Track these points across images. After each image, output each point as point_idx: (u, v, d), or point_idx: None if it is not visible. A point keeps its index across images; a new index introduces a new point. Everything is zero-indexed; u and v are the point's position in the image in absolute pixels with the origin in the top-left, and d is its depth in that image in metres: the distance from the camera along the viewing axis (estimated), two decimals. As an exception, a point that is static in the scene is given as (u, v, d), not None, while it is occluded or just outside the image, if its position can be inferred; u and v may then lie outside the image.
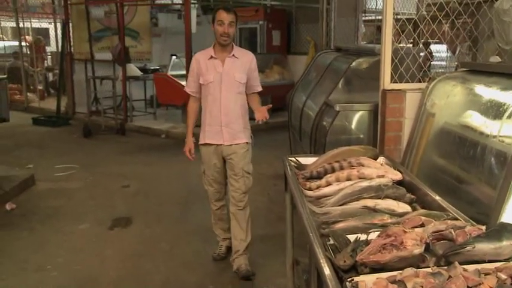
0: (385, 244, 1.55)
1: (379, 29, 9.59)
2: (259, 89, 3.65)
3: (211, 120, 3.49)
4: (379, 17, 7.33)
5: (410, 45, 4.54)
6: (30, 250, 4.02)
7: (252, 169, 3.62)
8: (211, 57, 3.46)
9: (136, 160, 7.01)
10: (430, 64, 4.39)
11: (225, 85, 3.44)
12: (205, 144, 3.55)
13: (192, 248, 4.06)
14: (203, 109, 3.57)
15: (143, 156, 7.27)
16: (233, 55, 3.46)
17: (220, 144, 3.50)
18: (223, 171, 3.62)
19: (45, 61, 14.29)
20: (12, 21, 13.69)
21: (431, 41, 4.23)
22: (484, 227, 1.66)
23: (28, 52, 12.50)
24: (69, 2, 9.98)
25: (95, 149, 7.73)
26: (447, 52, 4.96)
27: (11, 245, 4.11)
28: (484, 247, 1.48)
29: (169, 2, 11.14)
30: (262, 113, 3.40)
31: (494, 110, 2.39)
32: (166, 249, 4.06)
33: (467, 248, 1.48)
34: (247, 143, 3.57)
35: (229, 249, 3.78)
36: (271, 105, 3.50)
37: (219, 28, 3.34)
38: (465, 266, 1.44)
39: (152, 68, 10.32)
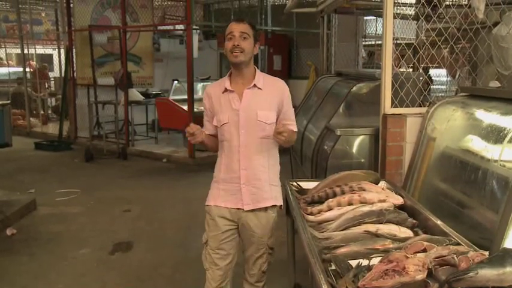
0: (387, 270, 1.54)
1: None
2: (295, 128, 2.66)
3: (227, 175, 2.60)
4: (379, 42, 7.42)
5: (410, 70, 4.59)
6: (31, 276, 3.99)
7: (274, 243, 2.75)
8: (226, 89, 2.58)
9: (137, 184, 7.00)
10: (430, 88, 4.42)
11: (244, 127, 2.53)
12: (217, 206, 2.64)
13: (193, 273, 4.03)
14: (218, 159, 2.69)
15: (145, 180, 7.27)
16: (255, 85, 2.54)
17: (239, 209, 2.60)
18: (236, 242, 2.70)
19: (49, 87, 14.45)
20: (17, 48, 13.88)
21: (430, 65, 4.27)
22: (487, 253, 1.65)
23: (32, 77, 12.62)
24: (73, 29, 10.13)
25: (96, 173, 7.74)
26: (447, 76, 5.01)
27: (11, 270, 4.08)
28: (487, 273, 1.48)
29: (172, 28, 11.29)
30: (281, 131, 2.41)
31: (495, 135, 2.40)
32: (167, 274, 4.03)
33: (470, 274, 1.47)
34: (276, 206, 2.65)
35: None
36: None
37: (228, 43, 2.49)
38: (468, 292, 1.44)
39: (154, 92, 10.41)
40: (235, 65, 2.53)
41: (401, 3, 5.39)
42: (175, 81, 9.44)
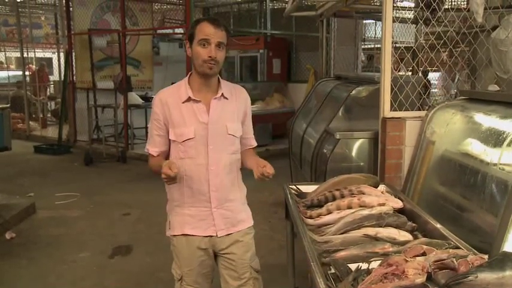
0: (386, 273, 1.54)
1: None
2: (255, 143, 2.47)
3: (193, 198, 2.26)
4: (378, 46, 7.44)
5: (410, 73, 4.60)
6: (30, 280, 3.98)
7: (259, 264, 2.44)
8: (189, 98, 2.21)
9: (137, 188, 6.99)
10: (429, 92, 4.44)
11: (214, 143, 2.22)
12: (185, 235, 2.32)
13: (192, 277, 4.03)
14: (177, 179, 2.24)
15: (144, 184, 7.25)
16: (222, 95, 2.25)
17: (211, 236, 2.30)
18: (212, 273, 2.41)
19: (49, 85, 14.47)
20: (17, 51, 13.91)
21: (429, 69, 4.29)
22: (486, 256, 1.65)
23: (31, 80, 12.63)
24: (72, 33, 10.14)
25: (96, 177, 7.73)
26: (446, 80, 5.02)
27: (10, 274, 4.07)
28: (487, 277, 1.47)
29: (171, 32, 11.31)
30: (266, 167, 2.13)
31: (494, 138, 2.40)
32: (167, 278, 4.01)
33: (470, 277, 1.47)
34: (251, 226, 2.44)
35: None
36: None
37: (202, 51, 2.12)
38: (468, 296, 1.44)
39: (153, 96, 10.40)
40: (205, 76, 2.19)
41: (401, 6, 5.41)
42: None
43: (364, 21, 8.36)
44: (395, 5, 3.53)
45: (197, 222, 2.28)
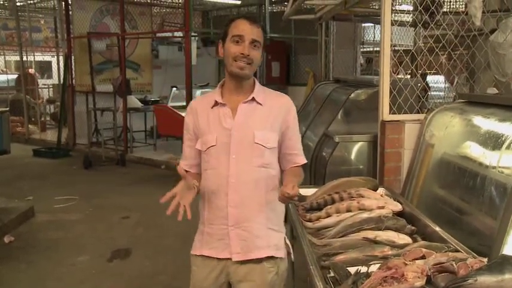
0: (386, 277, 1.54)
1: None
2: (302, 160, 2.10)
3: (212, 214, 2.00)
4: (377, 49, 7.45)
5: (408, 76, 4.60)
6: (29, 284, 3.97)
7: None
8: (216, 103, 1.99)
9: (136, 191, 6.98)
10: (428, 95, 4.44)
11: (237, 152, 1.93)
12: (201, 256, 2.04)
13: (192, 280, 4.01)
14: (201, 193, 2.04)
15: (143, 187, 7.25)
16: (253, 98, 1.97)
17: (226, 259, 1.98)
18: None
19: (40, 92, 14.39)
20: (16, 55, 13.89)
21: (428, 72, 4.29)
22: (485, 259, 1.65)
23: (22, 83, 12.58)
24: (72, 36, 10.15)
25: (95, 180, 7.72)
26: (445, 83, 5.03)
27: (9, 278, 4.06)
28: (487, 280, 1.47)
29: (170, 35, 11.32)
30: (287, 187, 1.78)
31: (493, 141, 2.40)
32: (166, 282, 4.02)
33: (469, 280, 1.47)
34: (275, 257, 1.99)
35: None
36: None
37: (234, 48, 1.89)
38: (467, 299, 1.43)
39: (153, 99, 10.42)
40: (236, 77, 1.94)
41: (399, 10, 5.42)
42: (174, 88, 9.46)
43: (363, 25, 8.37)
44: (393, 9, 3.53)
45: (215, 242, 1.99)
